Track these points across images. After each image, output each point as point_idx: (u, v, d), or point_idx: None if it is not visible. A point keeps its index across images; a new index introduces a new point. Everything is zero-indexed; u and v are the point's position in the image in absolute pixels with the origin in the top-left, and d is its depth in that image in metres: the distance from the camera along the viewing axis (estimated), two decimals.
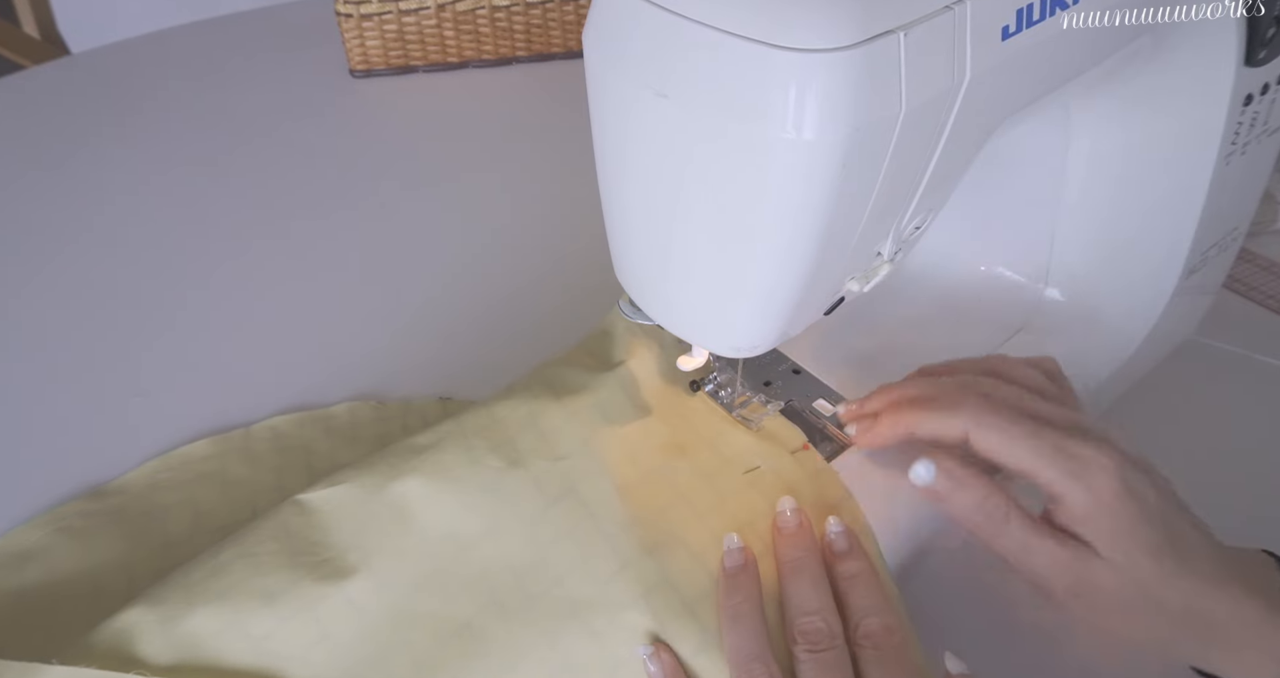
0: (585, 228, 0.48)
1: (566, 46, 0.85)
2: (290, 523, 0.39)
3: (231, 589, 0.37)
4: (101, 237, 0.65)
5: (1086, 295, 0.48)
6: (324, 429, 0.51)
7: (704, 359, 0.43)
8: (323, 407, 0.52)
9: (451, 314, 0.58)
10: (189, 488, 0.48)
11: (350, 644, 0.36)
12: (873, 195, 0.30)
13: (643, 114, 0.30)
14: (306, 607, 0.37)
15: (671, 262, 0.35)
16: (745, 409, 0.43)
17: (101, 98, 0.81)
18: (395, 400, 0.53)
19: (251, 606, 0.37)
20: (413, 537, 0.39)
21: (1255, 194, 0.48)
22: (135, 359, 0.56)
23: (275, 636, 0.37)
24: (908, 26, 0.27)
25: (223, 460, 0.49)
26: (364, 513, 0.40)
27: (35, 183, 0.70)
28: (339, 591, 0.37)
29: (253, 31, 0.90)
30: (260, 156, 0.73)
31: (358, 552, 0.38)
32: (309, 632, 0.37)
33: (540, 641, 0.36)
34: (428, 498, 0.39)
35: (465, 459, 0.40)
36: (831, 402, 0.44)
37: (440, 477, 0.40)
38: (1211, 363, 0.53)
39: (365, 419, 0.51)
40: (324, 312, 0.59)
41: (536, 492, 0.39)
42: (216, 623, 0.37)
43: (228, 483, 0.48)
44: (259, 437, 0.50)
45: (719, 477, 0.41)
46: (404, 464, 0.40)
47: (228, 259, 0.63)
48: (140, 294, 0.60)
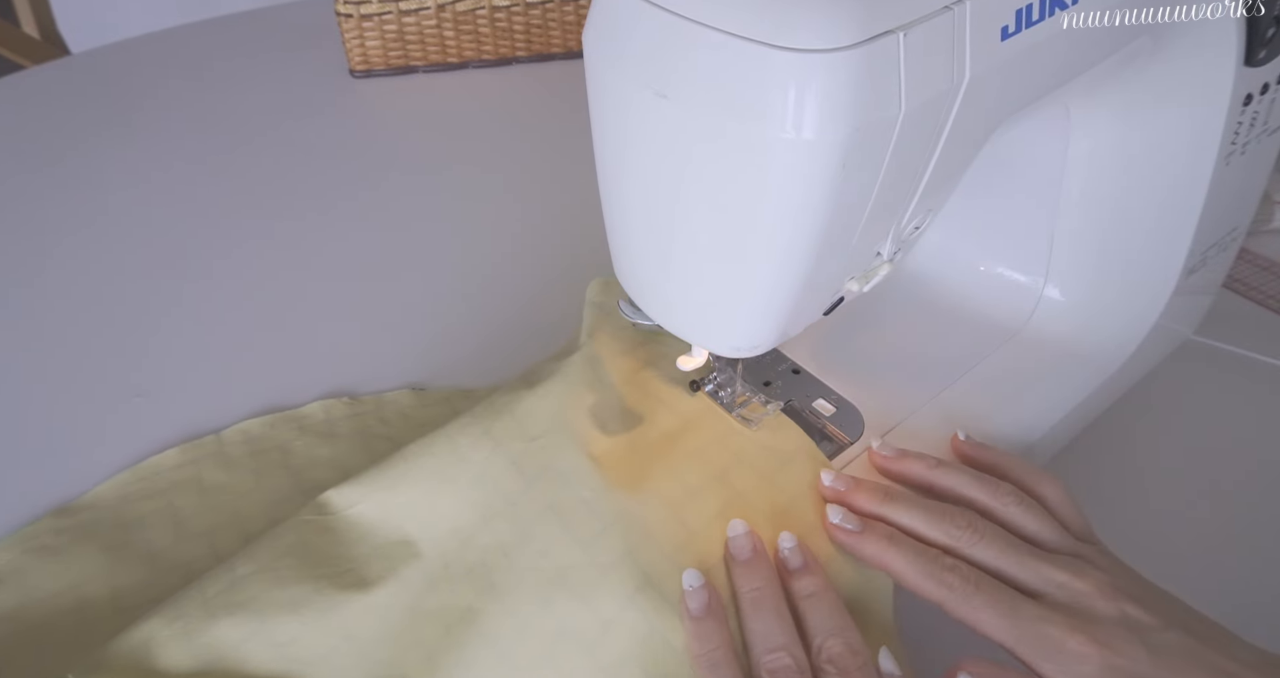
0: (585, 228, 0.48)
1: (566, 46, 0.85)
2: (309, 540, 0.40)
3: (253, 601, 0.38)
4: (101, 237, 0.65)
5: (1086, 295, 0.48)
6: (298, 428, 0.51)
7: (704, 359, 0.43)
8: (294, 408, 0.52)
9: (452, 314, 0.58)
10: (164, 496, 0.47)
11: (372, 644, 0.37)
12: (872, 195, 0.30)
13: (642, 114, 0.30)
14: (330, 611, 0.38)
15: (671, 262, 0.35)
16: (745, 409, 0.43)
17: (101, 98, 0.81)
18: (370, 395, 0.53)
19: (275, 615, 0.38)
20: (424, 542, 0.40)
21: (1255, 194, 0.48)
22: (105, 367, 0.55)
23: (299, 641, 0.37)
24: (907, 26, 0.27)
25: (196, 467, 0.49)
26: (380, 529, 0.41)
27: (35, 183, 0.70)
28: (364, 596, 0.38)
29: (253, 31, 0.90)
30: (260, 157, 0.73)
31: (382, 562, 0.39)
32: (332, 636, 0.37)
33: (534, 611, 0.37)
34: (431, 504, 0.40)
35: (454, 459, 0.41)
36: (831, 402, 0.44)
37: (436, 479, 0.41)
38: (1211, 363, 0.53)
39: (339, 415, 0.51)
40: (321, 313, 0.59)
41: (517, 473, 0.40)
42: (239, 633, 0.37)
43: (205, 489, 0.47)
44: (231, 441, 0.50)
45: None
46: (404, 477, 0.41)
47: (226, 260, 0.63)
48: (129, 295, 0.60)
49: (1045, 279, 0.49)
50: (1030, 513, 0.38)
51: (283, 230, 0.66)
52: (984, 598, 0.34)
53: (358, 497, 0.41)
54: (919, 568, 0.36)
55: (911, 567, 0.36)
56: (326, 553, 0.40)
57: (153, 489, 0.47)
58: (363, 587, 0.39)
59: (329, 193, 0.69)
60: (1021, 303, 0.49)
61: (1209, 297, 0.52)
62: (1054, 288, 0.49)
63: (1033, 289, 0.49)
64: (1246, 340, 0.53)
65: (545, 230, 0.65)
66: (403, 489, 0.41)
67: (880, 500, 0.38)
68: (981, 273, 0.51)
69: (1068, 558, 0.36)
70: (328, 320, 0.58)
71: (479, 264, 0.63)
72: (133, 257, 0.63)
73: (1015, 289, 0.50)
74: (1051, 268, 0.48)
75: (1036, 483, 0.39)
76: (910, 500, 0.38)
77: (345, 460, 0.48)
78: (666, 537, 0.38)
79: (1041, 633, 0.33)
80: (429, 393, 0.53)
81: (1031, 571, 0.35)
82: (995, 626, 0.34)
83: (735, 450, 0.41)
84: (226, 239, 0.65)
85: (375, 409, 0.52)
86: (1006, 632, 0.33)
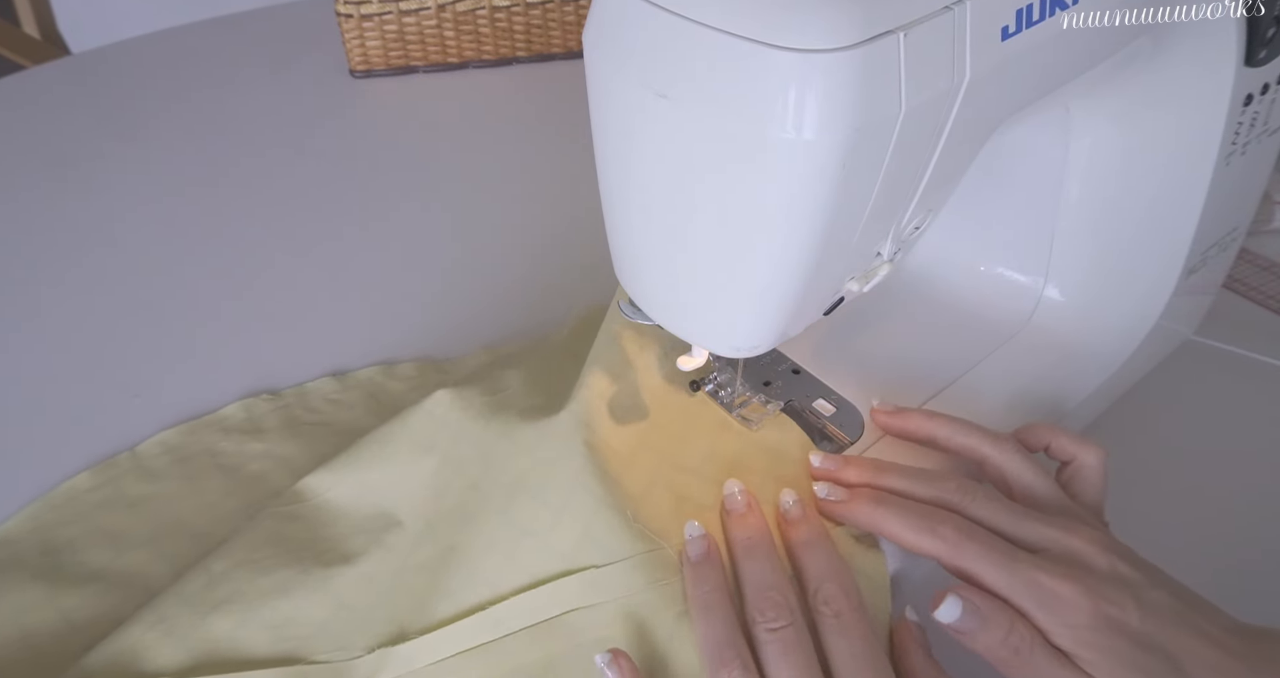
0: (585, 228, 0.48)
1: (566, 46, 0.85)
2: (284, 530, 0.41)
3: (238, 593, 0.38)
4: (101, 236, 0.65)
5: (1086, 295, 0.48)
6: (220, 431, 0.50)
7: (704, 359, 0.43)
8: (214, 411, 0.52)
9: (451, 314, 0.58)
10: (88, 519, 0.46)
11: (368, 609, 0.38)
12: (872, 195, 0.30)
13: (643, 114, 0.30)
14: (320, 587, 0.39)
15: (671, 262, 0.35)
16: (745, 409, 0.43)
17: (101, 98, 0.81)
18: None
19: (264, 600, 0.38)
20: (403, 510, 0.41)
21: (1255, 194, 0.48)
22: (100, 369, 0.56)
23: (295, 619, 0.38)
24: (907, 27, 0.27)
25: (116, 485, 0.47)
26: (357, 508, 0.42)
27: (35, 183, 0.70)
28: (352, 568, 0.39)
29: (253, 31, 0.90)
30: (260, 157, 0.73)
31: (363, 536, 0.40)
32: (326, 609, 0.38)
33: (498, 523, 0.38)
34: (406, 474, 0.42)
35: (431, 425, 0.43)
36: (831, 402, 0.44)
37: (412, 449, 0.43)
38: (1211, 363, 0.53)
39: (262, 412, 0.51)
40: (321, 313, 0.59)
41: (478, 417, 0.42)
42: (229, 622, 0.38)
43: (132, 503, 0.46)
44: (149, 453, 0.49)
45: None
46: (379, 455, 0.43)
47: (226, 260, 0.63)
48: (120, 296, 0.60)
49: (1045, 279, 0.49)
50: (1029, 465, 0.38)
51: (282, 230, 0.66)
52: (978, 547, 0.34)
53: (332, 482, 0.42)
54: (910, 523, 0.35)
55: (903, 523, 0.36)
56: (305, 538, 0.41)
57: (73, 515, 0.46)
58: (349, 560, 0.39)
59: (329, 193, 0.69)
60: (1021, 303, 0.49)
61: (1209, 297, 0.52)
62: (1054, 288, 0.49)
63: (1033, 289, 0.49)
64: (1246, 340, 0.53)
65: (545, 230, 0.65)
66: (377, 467, 0.42)
67: (870, 472, 0.39)
68: (981, 273, 0.51)
69: (1060, 517, 0.36)
70: (327, 320, 0.58)
71: (479, 264, 0.63)
72: (131, 257, 0.63)
73: (1015, 289, 0.50)
74: (1051, 268, 0.48)
75: (1080, 448, 0.39)
76: (900, 469, 0.39)
77: (280, 451, 0.48)
78: (621, 441, 0.40)
79: (1036, 581, 0.33)
80: (349, 376, 0.53)
81: (1025, 528, 0.35)
82: (990, 574, 0.34)
83: (735, 450, 0.41)
84: (226, 239, 0.65)
85: (298, 399, 0.52)
86: (1003, 580, 0.33)
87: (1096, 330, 0.48)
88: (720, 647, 0.34)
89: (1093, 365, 0.48)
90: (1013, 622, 0.33)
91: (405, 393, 0.52)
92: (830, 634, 0.34)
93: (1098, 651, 0.32)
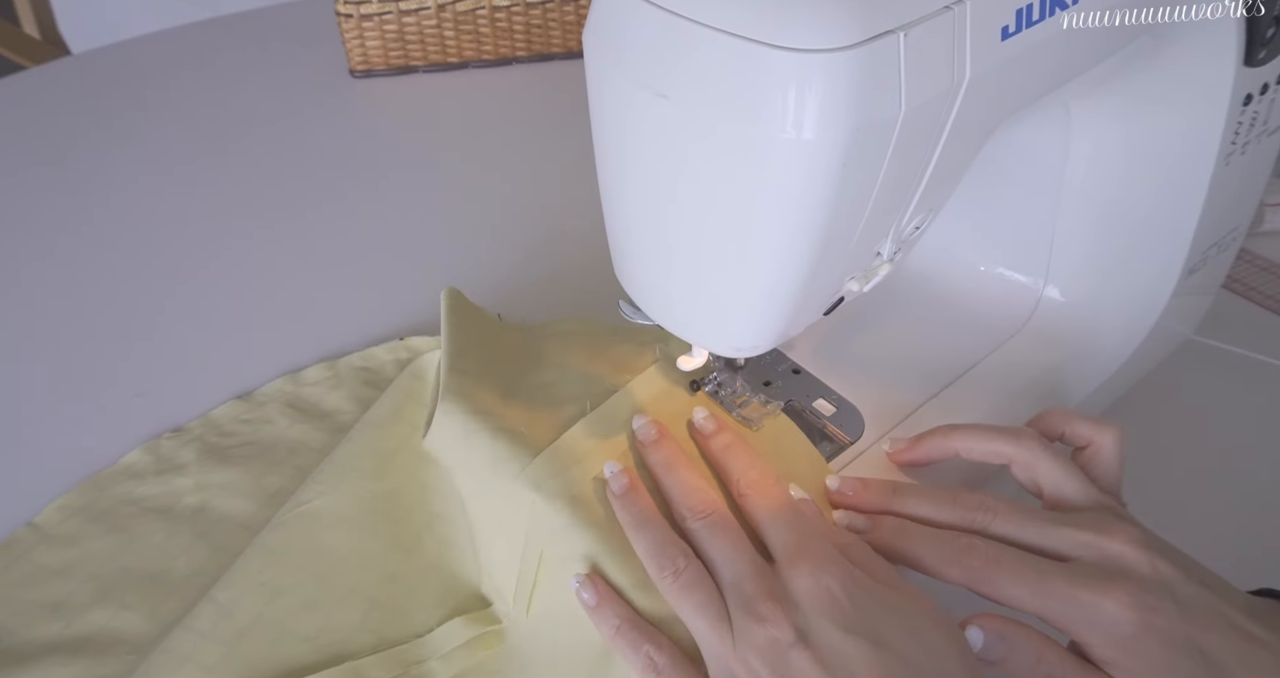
0: (585, 228, 0.48)
1: (566, 46, 0.85)
2: (281, 550, 0.41)
3: (260, 618, 0.39)
4: (101, 236, 0.65)
5: (1086, 295, 0.48)
6: (130, 478, 0.48)
7: (704, 359, 0.43)
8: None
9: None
10: (14, 598, 0.42)
11: (395, 598, 0.40)
12: (872, 195, 0.30)
13: (643, 114, 0.30)
14: (346, 598, 0.40)
15: (671, 262, 0.35)
16: (745, 409, 0.43)
17: (101, 98, 0.81)
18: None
19: (291, 618, 0.39)
20: (398, 499, 0.43)
21: (1255, 194, 0.48)
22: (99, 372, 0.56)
23: (327, 629, 0.39)
24: (907, 26, 0.27)
25: (28, 560, 0.44)
26: (354, 511, 0.42)
27: (36, 183, 0.70)
28: (371, 569, 0.41)
29: (253, 31, 0.90)
30: (260, 157, 0.73)
31: (373, 538, 0.42)
32: (358, 612, 0.40)
33: (498, 504, 0.40)
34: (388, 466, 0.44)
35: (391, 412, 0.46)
36: (831, 402, 0.44)
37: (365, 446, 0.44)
38: (1211, 363, 0.53)
39: (169, 449, 0.49)
40: (320, 313, 0.59)
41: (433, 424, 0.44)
42: (263, 644, 0.38)
43: (59, 571, 0.43)
44: (51, 522, 0.46)
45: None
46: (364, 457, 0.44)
47: (225, 260, 0.63)
48: (114, 297, 0.60)
49: (1045, 279, 0.49)
50: (1057, 462, 0.37)
51: (282, 230, 0.66)
52: (1008, 574, 0.33)
53: (318, 491, 0.43)
54: (936, 554, 0.35)
55: (928, 553, 0.35)
56: (308, 550, 0.41)
57: (22, 575, 0.43)
58: (366, 567, 0.41)
59: (329, 193, 0.69)
60: (1021, 303, 0.49)
61: (1209, 297, 0.52)
62: (1054, 288, 0.49)
63: (1033, 289, 0.49)
64: (1246, 340, 0.53)
65: (545, 231, 0.65)
66: (361, 469, 0.43)
67: (887, 497, 0.38)
68: (981, 273, 0.51)
69: (1091, 515, 0.35)
70: (328, 320, 0.58)
71: (478, 264, 0.63)
72: (130, 257, 0.63)
73: (1015, 289, 0.50)
74: (1051, 268, 0.48)
75: (1096, 431, 0.39)
76: (918, 491, 0.38)
77: (213, 479, 0.47)
78: (572, 405, 0.42)
79: (1074, 598, 0.32)
80: (256, 394, 0.52)
81: (1056, 536, 0.35)
82: (1024, 598, 0.33)
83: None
84: (226, 239, 0.65)
85: (207, 429, 0.50)
86: (1037, 602, 0.33)
87: (1096, 330, 0.48)
88: (660, 547, 0.35)
89: (1092, 365, 0.48)
90: (1041, 649, 0.32)
91: (323, 395, 0.52)
92: (757, 511, 0.36)
93: (1137, 657, 0.31)
